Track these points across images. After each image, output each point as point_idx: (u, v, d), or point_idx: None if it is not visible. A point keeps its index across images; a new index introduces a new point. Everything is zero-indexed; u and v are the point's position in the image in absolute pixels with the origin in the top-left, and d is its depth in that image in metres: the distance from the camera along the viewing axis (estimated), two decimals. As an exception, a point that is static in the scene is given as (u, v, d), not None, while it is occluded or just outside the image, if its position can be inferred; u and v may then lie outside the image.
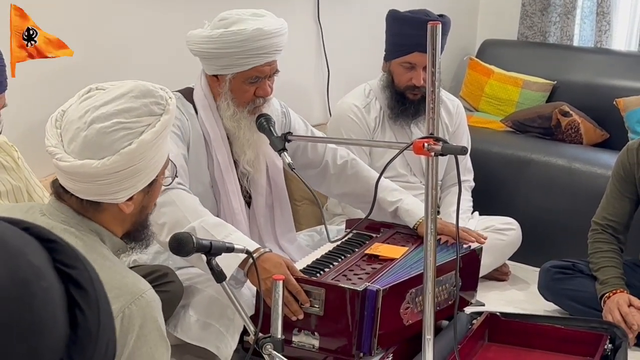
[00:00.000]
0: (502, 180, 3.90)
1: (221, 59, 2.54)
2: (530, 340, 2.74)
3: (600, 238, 3.10)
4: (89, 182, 1.67)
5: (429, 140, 1.99)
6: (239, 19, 2.54)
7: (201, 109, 2.64)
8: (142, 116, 1.70)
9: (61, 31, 2.76)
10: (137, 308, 1.60)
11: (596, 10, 4.50)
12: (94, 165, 1.65)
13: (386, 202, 2.82)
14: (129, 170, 1.68)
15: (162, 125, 1.71)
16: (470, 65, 4.60)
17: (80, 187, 1.69)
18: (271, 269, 2.28)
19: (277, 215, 2.85)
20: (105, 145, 1.66)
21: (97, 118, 1.67)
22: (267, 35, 2.52)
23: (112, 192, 1.70)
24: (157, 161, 1.75)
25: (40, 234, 0.75)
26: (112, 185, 1.68)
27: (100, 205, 1.72)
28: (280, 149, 2.55)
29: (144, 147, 1.68)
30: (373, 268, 2.52)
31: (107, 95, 1.72)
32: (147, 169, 1.72)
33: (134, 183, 1.71)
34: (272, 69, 2.60)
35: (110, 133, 1.66)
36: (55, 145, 1.70)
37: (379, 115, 3.37)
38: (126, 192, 1.71)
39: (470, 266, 2.75)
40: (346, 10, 4.00)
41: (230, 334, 2.40)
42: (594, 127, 4.12)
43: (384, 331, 2.32)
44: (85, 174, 1.66)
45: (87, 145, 1.66)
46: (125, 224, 1.79)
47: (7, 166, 2.30)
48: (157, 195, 1.84)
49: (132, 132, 1.67)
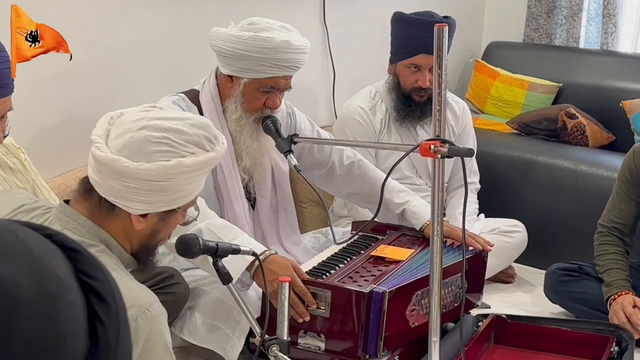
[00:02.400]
0: (507, 183, 3.90)
1: (242, 61, 2.54)
2: (536, 342, 2.73)
3: (606, 240, 3.10)
4: (115, 178, 1.69)
5: (436, 142, 1.98)
6: (269, 27, 2.55)
7: (207, 111, 2.64)
8: (191, 143, 1.73)
9: (67, 33, 2.77)
10: (143, 321, 1.60)
11: (602, 12, 4.50)
12: (126, 164, 1.67)
13: (393, 203, 2.82)
14: (155, 184, 1.70)
15: (206, 160, 1.74)
16: (476, 68, 4.60)
17: (105, 183, 1.72)
18: (277, 271, 2.28)
19: (281, 217, 2.85)
20: (145, 152, 1.69)
21: (149, 126, 1.72)
22: (293, 49, 2.53)
23: (130, 199, 1.71)
24: (185, 192, 1.76)
25: (63, 243, 0.74)
26: (134, 191, 1.70)
27: (114, 210, 1.74)
28: (286, 151, 2.55)
29: (179, 169, 1.70)
30: (379, 270, 2.52)
31: (166, 114, 1.79)
32: (172, 194, 1.74)
33: (154, 201, 1.73)
34: (286, 84, 2.61)
35: (154, 143, 1.70)
36: (99, 135, 1.74)
37: (385, 117, 3.36)
38: (143, 205, 1.73)
39: (476, 268, 2.75)
40: (352, 12, 4.00)
41: (236, 336, 2.41)
42: (600, 130, 4.12)
43: (389, 333, 2.31)
44: (115, 170, 1.68)
45: (128, 145, 1.70)
46: (132, 241, 1.79)
47: (14, 168, 2.30)
48: (172, 227, 1.85)
49: (174, 152, 1.71)
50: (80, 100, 2.89)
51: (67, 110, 2.86)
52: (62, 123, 2.85)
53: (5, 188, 2.23)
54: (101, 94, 2.94)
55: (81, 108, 2.91)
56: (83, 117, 2.93)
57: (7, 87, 2.10)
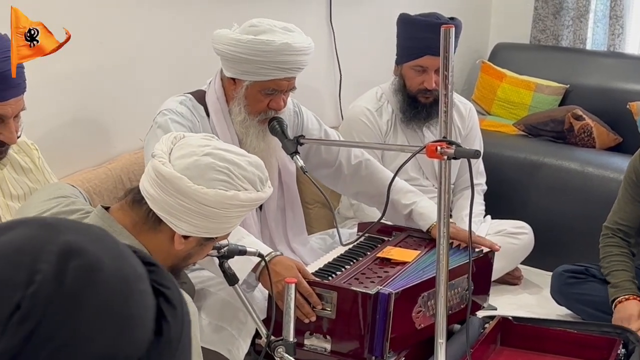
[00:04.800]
0: (514, 184, 3.89)
1: (243, 64, 2.53)
2: (543, 344, 2.73)
3: (611, 242, 3.09)
4: (172, 195, 1.75)
5: (442, 144, 1.98)
6: (270, 29, 2.54)
7: (213, 112, 2.64)
8: (247, 180, 1.81)
9: (75, 34, 2.77)
10: None
11: (609, 13, 4.49)
12: (188, 185, 1.74)
13: (400, 204, 2.82)
14: (208, 210, 1.76)
15: (256, 198, 1.83)
16: (483, 69, 4.59)
17: (160, 198, 1.77)
18: (283, 272, 2.28)
19: (288, 218, 2.85)
20: (206, 178, 1.76)
21: (213, 154, 1.79)
22: (293, 51, 2.52)
23: (180, 218, 1.77)
24: (229, 224, 1.84)
25: (142, 256, 0.82)
26: (187, 212, 1.76)
27: (159, 226, 1.80)
28: (292, 152, 2.55)
29: (233, 202, 1.78)
30: (385, 271, 2.52)
31: (227, 146, 1.87)
32: (218, 223, 1.81)
33: (200, 226, 1.79)
34: (289, 85, 2.60)
35: (217, 171, 1.77)
36: (163, 151, 1.80)
37: (391, 118, 3.36)
38: (189, 227, 1.78)
39: (482, 270, 2.74)
40: (358, 14, 4.00)
41: (242, 337, 2.41)
42: (606, 131, 4.11)
43: (395, 335, 2.31)
44: (176, 187, 1.75)
45: (192, 167, 1.76)
46: (167, 259, 1.83)
47: (25, 167, 2.30)
48: (204, 254, 1.91)
49: (232, 184, 1.78)
50: (88, 101, 2.90)
51: (73, 111, 2.86)
52: (69, 124, 2.85)
53: (16, 189, 2.23)
54: (108, 95, 2.95)
55: (88, 109, 2.92)
56: (90, 119, 2.94)
57: (20, 87, 2.11)
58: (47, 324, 0.71)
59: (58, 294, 0.72)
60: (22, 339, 0.70)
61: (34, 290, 0.71)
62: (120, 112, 3.00)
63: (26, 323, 0.70)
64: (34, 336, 0.70)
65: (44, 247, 0.74)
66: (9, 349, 0.70)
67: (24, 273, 0.72)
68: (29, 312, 0.71)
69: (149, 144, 2.46)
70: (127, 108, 3.02)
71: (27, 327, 0.70)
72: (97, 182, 2.77)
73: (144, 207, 1.80)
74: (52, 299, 0.71)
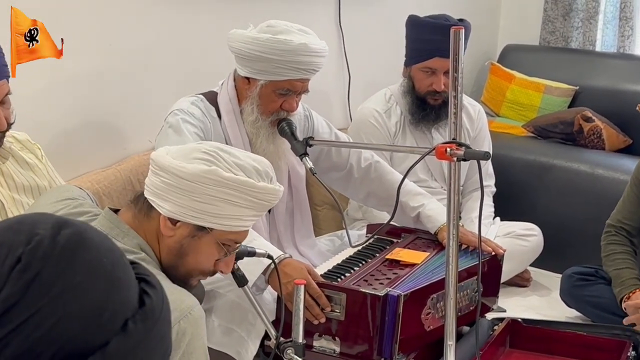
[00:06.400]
0: (523, 186, 3.88)
1: (259, 63, 2.54)
2: (552, 346, 2.72)
3: (614, 240, 3.09)
4: (156, 174, 1.79)
5: (452, 146, 1.98)
6: (287, 30, 2.55)
7: (225, 113, 2.65)
8: (237, 166, 1.79)
9: (83, 36, 2.79)
10: (185, 324, 1.63)
11: (619, 15, 4.47)
12: (169, 161, 1.76)
13: (409, 207, 2.81)
14: (187, 185, 1.74)
15: (245, 183, 1.78)
16: (492, 70, 4.59)
17: (150, 181, 1.81)
18: (292, 274, 2.28)
19: (297, 221, 2.85)
20: (190, 157, 1.78)
21: (209, 144, 1.83)
22: (310, 52, 2.53)
23: (163, 197, 1.77)
24: (217, 210, 1.77)
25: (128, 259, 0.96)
26: (167, 189, 1.76)
27: (151, 212, 1.80)
28: (301, 153, 2.55)
29: (213, 176, 1.74)
30: (394, 273, 2.52)
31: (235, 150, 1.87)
32: (202, 203, 1.76)
33: (184, 205, 1.76)
34: (303, 87, 2.61)
35: (202, 152, 1.78)
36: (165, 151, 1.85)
37: (400, 120, 3.36)
38: (173, 207, 1.76)
39: (491, 272, 2.74)
40: (367, 15, 4.00)
41: (251, 339, 2.40)
42: (616, 133, 4.10)
43: (405, 336, 2.31)
44: (159, 165, 1.78)
45: (182, 150, 1.82)
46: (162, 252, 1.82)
47: (31, 163, 2.31)
48: (202, 254, 1.84)
49: (216, 163, 1.76)
50: (97, 103, 2.90)
51: (83, 112, 2.87)
52: (79, 125, 2.86)
53: (23, 183, 2.23)
54: (118, 96, 2.96)
55: (98, 111, 2.92)
56: (100, 120, 2.95)
57: (1, 72, 2.05)
58: (45, 275, 0.83)
59: (54, 251, 0.85)
60: (22, 287, 0.82)
61: (33, 247, 0.85)
62: (129, 113, 3.01)
63: (26, 274, 0.83)
64: (33, 285, 0.82)
65: (41, 219, 0.89)
66: (10, 296, 0.82)
67: (24, 236, 0.86)
68: (28, 264, 0.83)
69: (160, 144, 2.46)
70: (136, 109, 3.02)
71: (27, 277, 0.83)
72: (106, 184, 2.78)
73: (141, 198, 1.83)
74: (49, 255, 0.84)
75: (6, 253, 0.84)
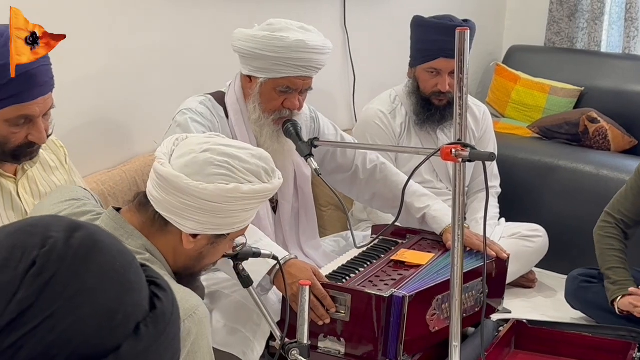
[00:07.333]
0: (528, 187, 3.88)
1: (257, 60, 2.54)
2: (557, 348, 2.72)
3: (613, 233, 3.09)
4: (174, 195, 1.74)
5: (457, 147, 1.98)
6: (286, 27, 2.55)
7: (232, 112, 2.65)
8: (250, 173, 1.78)
9: (90, 37, 2.79)
10: (190, 324, 1.64)
11: (624, 16, 4.47)
12: (186, 182, 1.72)
13: (414, 208, 2.81)
14: (211, 205, 1.74)
15: (261, 190, 1.79)
16: (497, 71, 4.58)
17: (162, 199, 1.77)
18: (297, 274, 2.29)
19: (302, 222, 2.85)
20: (205, 173, 1.74)
21: (212, 149, 1.78)
22: (307, 49, 2.52)
23: (185, 217, 1.76)
24: (236, 220, 1.80)
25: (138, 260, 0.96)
26: (189, 209, 1.75)
27: (167, 227, 1.79)
28: (306, 154, 2.55)
29: (235, 194, 1.75)
30: (399, 274, 2.52)
31: (229, 141, 1.85)
32: (224, 218, 1.78)
33: (206, 222, 1.77)
34: (304, 84, 2.60)
35: (215, 165, 1.75)
36: (164, 153, 1.80)
37: (405, 121, 3.36)
38: (195, 225, 1.77)
39: (497, 273, 2.74)
40: (372, 16, 4.00)
41: (257, 340, 2.41)
42: (622, 134, 4.09)
43: (410, 337, 2.31)
44: (175, 186, 1.73)
45: (190, 164, 1.75)
46: (178, 260, 1.83)
47: (53, 165, 2.30)
48: (219, 254, 1.89)
49: (233, 177, 1.75)
50: (103, 104, 2.91)
51: (89, 113, 2.87)
52: (84, 126, 2.86)
53: (46, 190, 2.23)
54: (123, 97, 2.96)
55: (103, 112, 2.93)
56: (105, 121, 2.95)
57: (47, 85, 2.08)
58: (60, 278, 0.83)
59: (68, 254, 0.85)
60: (37, 290, 0.82)
61: (47, 250, 0.85)
62: (135, 114, 3.01)
63: (40, 277, 0.83)
64: (47, 288, 0.83)
65: (54, 222, 0.89)
66: (25, 299, 0.82)
67: (38, 239, 0.86)
68: (43, 267, 0.84)
69: (167, 143, 2.47)
70: (141, 110, 3.03)
71: (42, 280, 0.83)
72: (111, 184, 2.78)
73: (149, 209, 1.80)
74: (64, 257, 0.85)
75: (20, 256, 0.84)
